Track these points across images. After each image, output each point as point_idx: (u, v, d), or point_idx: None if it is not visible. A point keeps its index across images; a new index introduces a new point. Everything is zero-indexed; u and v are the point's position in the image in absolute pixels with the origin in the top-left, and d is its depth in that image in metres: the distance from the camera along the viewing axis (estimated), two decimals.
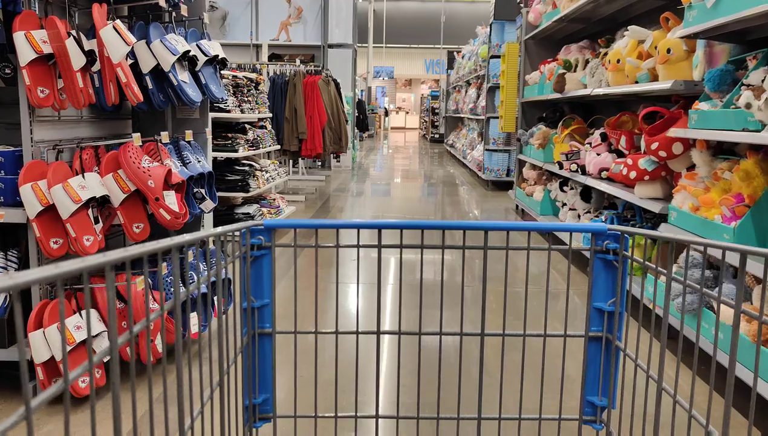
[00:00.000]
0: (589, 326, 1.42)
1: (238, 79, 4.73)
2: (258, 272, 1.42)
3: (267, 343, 1.45)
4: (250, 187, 4.51)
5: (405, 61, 32.54)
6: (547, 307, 1.40)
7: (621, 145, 3.97)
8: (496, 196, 8.36)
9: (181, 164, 2.60)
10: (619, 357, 1.40)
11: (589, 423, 1.46)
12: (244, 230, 1.37)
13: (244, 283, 1.40)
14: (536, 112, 6.56)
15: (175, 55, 2.45)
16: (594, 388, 1.44)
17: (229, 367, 1.28)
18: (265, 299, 1.43)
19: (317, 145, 7.00)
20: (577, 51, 5.50)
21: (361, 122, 15.40)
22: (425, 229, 1.33)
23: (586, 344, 1.43)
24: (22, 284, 0.57)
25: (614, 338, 1.41)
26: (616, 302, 1.40)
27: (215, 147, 4.43)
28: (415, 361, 2.33)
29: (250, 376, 1.42)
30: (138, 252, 0.84)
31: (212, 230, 1.22)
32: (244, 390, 1.42)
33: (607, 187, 3.88)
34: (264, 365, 1.45)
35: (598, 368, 1.43)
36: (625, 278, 1.38)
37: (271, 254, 1.42)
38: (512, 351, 2.21)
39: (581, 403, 1.46)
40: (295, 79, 6.99)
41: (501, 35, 8.69)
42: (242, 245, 1.38)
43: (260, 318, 1.44)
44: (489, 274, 2.46)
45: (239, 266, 1.41)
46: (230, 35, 11.79)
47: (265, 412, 1.46)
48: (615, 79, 3.82)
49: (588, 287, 1.41)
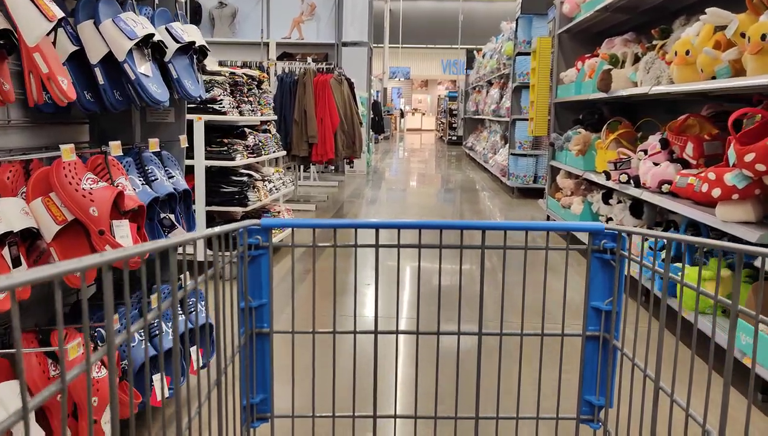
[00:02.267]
0: (586, 326, 1.44)
1: (237, 76, 4.14)
2: (256, 271, 1.42)
3: (265, 343, 1.46)
4: (249, 201, 3.91)
5: (421, 61, 31.94)
6: (545, 306, 1.42)
7: (686, 154, 3.32)
8: (522, 205, 7.71)
9: (143, 182, 2.00)
10: (616, 356, 1.41)
11: (586, 422, 1.47)
12: (241, 229, 1.37)
13: (242, 282, 1.40)
14: (571, 114, 5.90)
15: (132, 40, 1.86)
16: (591, 387, 1.46)
17: (226, 367, 1.29)
18: (263, 298, 1.43)
19: (329, 150, 6.39)
20: (621, 44, 4.85)
21: (377, 124, 14.82)
22: (402, 228, 1.35)
23: (584, 344, 1.44)
24: (19, 284, 0.56)
25: (611, 337, 1.41)
26: (613, 301, 1.41)
27: (208, 155, 3.85)
28: (424, 359, 2.32)
29: (248, 376, 1.44)
30: (136, 252, 0.82)
31: (210, 230, 1.20)
32: (241, 390, 1.44)
33: (672, 204, 3.23)
34: (262, 364, 1.46)
35: (595, 367, 1.44)
36: (623, 277, 1.38)
37: (268, 253, 1.41)
38: (515, 351, 2.12)
39: (578, 402, 1.47)
40: (305, 78, 6.39)
41: (528, 31, 8.03)
42: (240, 245, 1.37)
43: (258, 318, 1.44)
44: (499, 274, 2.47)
45: (237, 266, 1.40)
46: (240, 33, 11.29)
47: (262, 412, 1.48)
48: (682, 74, 3.17)
49: (585, 287, 1.42)
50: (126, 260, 0.82)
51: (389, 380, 2.53)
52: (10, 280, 0.55)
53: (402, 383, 2.61)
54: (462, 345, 1.63)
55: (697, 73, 3.06)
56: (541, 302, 1.45)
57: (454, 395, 1.44)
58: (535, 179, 8.20)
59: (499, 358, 1.42)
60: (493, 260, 4.56)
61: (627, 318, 1.38)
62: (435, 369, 1.43)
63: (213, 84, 3.85)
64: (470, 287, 4.00)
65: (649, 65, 3.75)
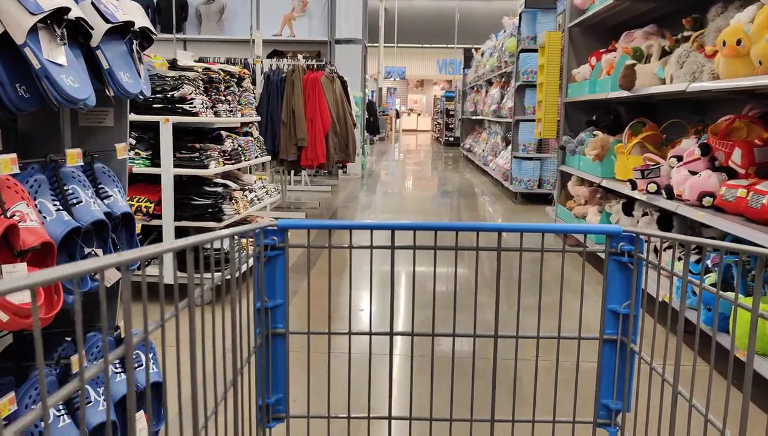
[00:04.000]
0: (603, 329, 1.42)
1: (212, 72, 3.64)
2: (271, 272, 1.40)
3: (280, 343, 1.45)
4: (224, 215, 3.41)
5: (417, 61, 31.46)
6: (561, 309, 1.43)
7: (733, 162, 2.84)
8: (527, 211, 7.22)
9: (58, 208, 1.50)
10: (634, 360, 1.40)
11: (603, 426, 1.46)
12: (258, 230, 1.36)
13: (258, 283, 1.38)
14: (583, 114, 5.42)
15: (34, 15, 1.36)
16: (609, 391, 1.44)
17: (242, 367, 1.28)
18: (278, 299, 1.42)
19: (319, 154, 5.89)
20: (642, 38, 4.37)
21: (372, 125, 14.33)
22: (417, 230, 1.35)
23: (601, 347, 1.43)
24: (21, 287, 0.54)
25: (629, 340, 1.39)
26: (631, 304, 1.39)
27: (177, 162, 3.35)
28: (428, 363, 2.36)
29: (264, 376, 1.43)
30: (137, 256, 0.76)
31: (224, 231, 1.10)
32: (257, 390, 1.43)
33: (717, 220, 2.74)
34: (277, 365, 1.45)
35: (612, 370, 1.43)
36: (640, 280, 1.36)
37: (284, 254, 1.40)
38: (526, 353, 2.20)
39: (596, 406, 1.46)
40: (294, 75, 5.88)
41: (533, 26, 7.55)
42: (256, 246, 1.37)
43: (273, 318, 1.43)
44: (503, 278, 2.31)
45: (253, 267, 1.38)
46: (228, 30, 10.79)
47: (278, 412, 1.47)
48: (731, 68, 2.68)
49: (603, 290, 1.40)
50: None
51: (404, 383, 2.57)
52: (4, 284, 0.52)
53: (400, 384, 2.55)
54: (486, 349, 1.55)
55: (750, 66, 2.57)
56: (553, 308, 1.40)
57: (449, 399, 1.47)
58: (539, 184, 7.71)
59: (514, 361, 1.38)
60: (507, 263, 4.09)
61: (645, 323, 1.35)
62: (445, 372, 1.36)
63: (183, 81, 3.34)
64: (482, 289, 4.08)
65: (682, 59, 3.27)
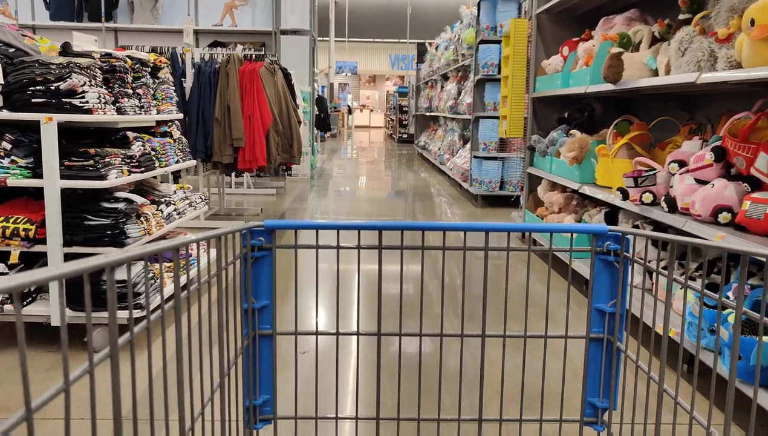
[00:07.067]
0: (590, 328, 1.41)
1: (114, 60, 2.91)
2: (258, 273, 1.40)
3: (267, 344, 1.44)
4: (126, 237, 2.70)
5: (369, 56, 30.81)
6: (548, 309, 1.20)
7: (758, 169, 2.31)
8: (489, 216, 6.68)
9: None
10: (620, 359, 1.39)
11: (590, 425, 1.45)
12: (245, 230, 1.36)
13: (245, 284, 1.38)
14: (553, 111, 4.89)
15: None
16: (595, 389, 1.44)
17: (229, 368, 1.28)
18: (265, 300, 1.42)
19: (259, 156, 5.19)
20: (623, 24, 3.85)
21: (323, 121, 13.60)
22: (405, 230, 1.33)
23: (587, 346, 1.42)
24: (21, 285, 0.56)
25: (615, 339, 1.39)
26: (617, 303, 1.38)
27: (66, 172, 2.62)
28: (407, 364, 2.42)
29: (251, 377, 1.42)
30: (140, 253, 0.83)
31: (213, 231, 1.15)
32: (244, 391, 1.43)
33: (740, 241, 2.21)
34: (264, 366, 1.45)
35: (599, 369, 1.42)
36: (626, 279, 1.36)
37: (271, 255, 1.40)
38: (508, 354, 1.70)
39: (582, 404, 1.45)
40: (228, 67, 5.15)
41: (493, 16, 7.01)
42: (243, 246, 1.35)
43: (260, 319, 1.42)
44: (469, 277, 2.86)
45: (240, 267, 1.37)
46: (164, 20, 9.91)
47: (265, 413, 1.47)
48: (757, 53, 2.15)
49: (589, 289, 1.40)
50: None
51: (389, 384, 2.44)
52: (12, 281, 0.55)
53: (369, 385, 2.43)
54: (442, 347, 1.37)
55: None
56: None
57: (457, 399, 1.52)
58: (501, 186, 7.19)
59: (502, 360, 1.32)
60: (494, 263, 3.50)
61: (630, 321, 1.21)
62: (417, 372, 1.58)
63: (72, 69, 2.62)
64: (470, 288, 3.96)
65: (684, 45, 2.74)
